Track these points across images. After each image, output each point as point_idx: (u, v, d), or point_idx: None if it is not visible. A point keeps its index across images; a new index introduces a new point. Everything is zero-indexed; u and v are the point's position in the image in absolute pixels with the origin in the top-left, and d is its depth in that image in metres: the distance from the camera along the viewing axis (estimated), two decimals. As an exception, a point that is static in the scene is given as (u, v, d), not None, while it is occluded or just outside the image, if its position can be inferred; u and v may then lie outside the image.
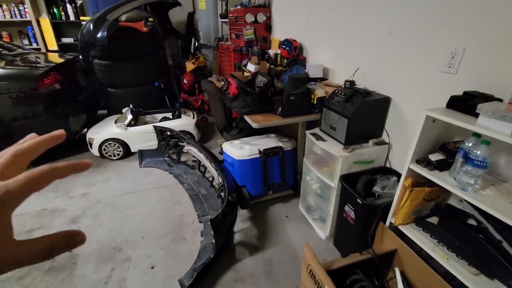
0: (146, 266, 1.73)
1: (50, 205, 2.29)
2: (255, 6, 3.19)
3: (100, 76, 3.43)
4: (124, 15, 3.12)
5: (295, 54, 2.56)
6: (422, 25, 1.46)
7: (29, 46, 4.21)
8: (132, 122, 3.01)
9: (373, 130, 1.79)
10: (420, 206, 1.37)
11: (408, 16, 1.53)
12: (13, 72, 2.51)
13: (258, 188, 2.15)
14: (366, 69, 1.90)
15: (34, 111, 2.58)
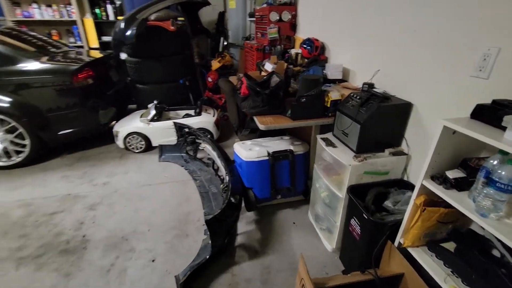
0: (148, 259, 1.78)
1: (74, 191, 2.47)
2: (281, 4, 3.11)
3: (130, 73, 3.63)
4: (153, 15, 3.25)
5: (316, 53, 2.44)
6: (450, 22, 1.27)
7: (74, 43, 4.61)
8: (155, 117, 3.13)
9: (390, 139, 1.62)
10: (434, 229, 1.20)
11: (435, 11, 1.35)
12: (52, 67, 2.75)
13: (265, 192, 2.08)
14: (388, 72, 1.73)
15: (67, 104, 2.80)
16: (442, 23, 1.32)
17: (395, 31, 1.65)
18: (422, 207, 1.15)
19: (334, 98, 1.77)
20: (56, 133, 2.85)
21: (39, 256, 1.80)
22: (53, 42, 3.54)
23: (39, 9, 4.41)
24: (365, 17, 1.94)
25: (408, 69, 1.56)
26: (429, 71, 1.42)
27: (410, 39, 1.53)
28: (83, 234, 1.97)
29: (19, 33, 3.24)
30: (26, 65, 2.67)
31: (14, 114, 2.63)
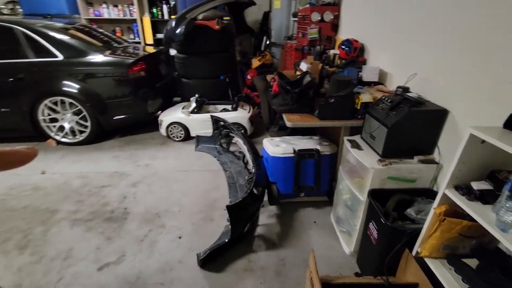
0: (175, 235, 1.97)
1: (121, 169, 2.81)
2: (324, 4, 3.10)
3: (177, 68, 3.95)
4: (201, 14, 3.49)
5: (354, 55, 2.40)
6: (497, 25, 1.19)
7: (133, 40, 5.15)
8: (195, 110, 3.38)
9: (421, 146, 1.56)
10: (455, 242, 1.15)
11: (478, 12, 1.27)
12: (112, 60, 3.14)
13: (288, 188, 2.14)
14: (426, 76, 1.65)
15: (123, 93, 3.18)
16: (488, 26, 1.23)
17: (437, 33, 1.57)
18: (442, 217, 1.11)
19: (364, 100, 1.75)
20: (112, 118, 3.25)
21: (89, 220, 2.11)
22: (116, 38, 4.02)
23: (107, 8, 5.01)
24: (408, 18, 1.86)
25: (448, 74, 1.48)
26: (470, 77, 1.34)
27: (452, 43, 1.45)
28: (125, 207, 2.25)
29: (90, 29, 3.75)
30: (93, 58, 3.10)
31: (81, 99, 3.07)
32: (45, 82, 3.01)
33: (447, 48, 1.49)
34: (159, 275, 1.66)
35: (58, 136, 3.24)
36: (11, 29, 2.94)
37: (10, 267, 1.70)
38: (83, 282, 1.61)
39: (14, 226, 2.04)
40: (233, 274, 1.68)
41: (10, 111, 3.03)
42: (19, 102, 3.01)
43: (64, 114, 3.17)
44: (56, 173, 2.73)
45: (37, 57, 2.98)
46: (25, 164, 0.29)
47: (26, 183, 2.56)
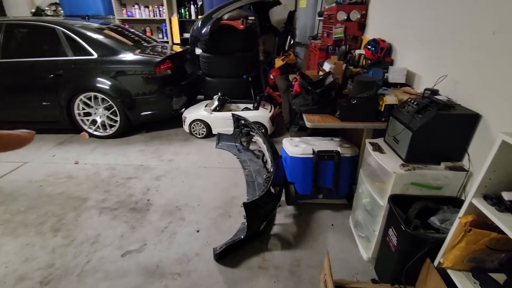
0: (194, 229, 2.04)
1: (146, 163, 2.95)
2: (351, 3, 3.02)
3: (202, 66, 4.05)
4: (226, 14, 3.55)
5: (380, 55, 2.32)
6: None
7: (161, 39, 5.36)
8: (217, 108, 3.45)
9: (449, 151, 1.48)
10: (481, 254, 1.08)
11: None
12: (141, 58, 3.30)
13: (306, 189, 2.12)
14: (457, 78, 1.56)
15: (150, 90, 3.33)
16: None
17: (471, 33, 1.48)
18: (467, 227, 1.05)
19: (389, 102, 1.70)
20: (139, 114, 3.41)
21: (115, 209, 2.24)
22: (145, 38, 4.21)
23: (139, 9, 5.26)
24: (440, 17, 1.77)
25: (482, 76, 1.39)
26: (506, 80, 1.25)
27: (488, 43, 1.36)
28: (148, 199, 2.37)
29: (122, 29, 3.96)
30: (124, 56, 3.27)
31: (112, 95, 3.26)
32: (81, 79, 3.23)
33: (482, 49, 1.40)
34: (176, 266, 1.73)
35: (90, 129, 3.47)
36: (54, 30, 3.19)
37: (45, 248, 1.86)
38: (108, 267, 1.72)
39: (50, 210, 2.22)
40: (247, 271, 1.71)
41: (50, 105, 3.29)
42: (58, 97, 3.26)
43: (96, 109, 3.38)
44: (87, 164, 2.92)
45: (75, 55, 3.21)
46: (21, 147, 0.30)
47: (62, 171, 2.77)
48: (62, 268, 1.71)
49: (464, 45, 1.53)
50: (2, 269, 1.69)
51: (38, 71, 3.22)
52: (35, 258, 1.78)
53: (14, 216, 2.15)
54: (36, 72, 3.23)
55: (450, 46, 1.66)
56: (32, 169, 2.83)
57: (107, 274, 1.67)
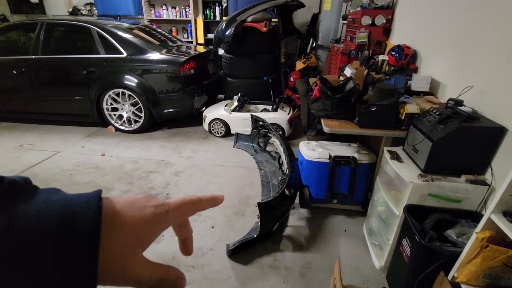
0: (209, 224, 2.11)
1: (167, 158, 3.08)
2: (376, 8, 2.98)
3: (223, 67, 4.14)
4: (250, 17, 3.62)
5: (404, 62, 2.28)
6: None
7: (186, 39, 5.52)
8: (237, 108, 3.52)
9: (470, 164, 1.44)
10: (498, 271, 1.06)
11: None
12: (167, 58, 3.44)
13: (321, 193, 2.13)
14: (484, 89, 1.51)
15: (173, 88, 3.46)
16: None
17: (500, 43, 1.43)
18: (484, 243, 1.03)
19: (410, 111, 1.67)
20: (162, 111, 3.56)
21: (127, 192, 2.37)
22: (171, 38, 4.37)
23: (167, 10, 5.46)
24: (468, 25, 1.72)
25: (510, 88, 1.35)
26: (536, 94, 1.21)
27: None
28: (167, 193, 2.48)
29: (150, 29, 4.14)
30: (151, 55, 3.43)
31: (138, 92, 3.42)
32: (111, 76, 3.43)
33: (509, 57, 1.36)
34: (191, 259, 1.81)
35: (117, 124, 3.66)
36: (89, 29, 3.41)
37: (73, 232, 2.01)
38: (128, 254, 1.83)
39: (78, 198, 2.38)
40: (258, 269, 1.75)
41: (82, 99, 3.52)
42: (89, 92, 3.47)
43: (123, 105, 3.57)
44: (113, 156, 3.10)
45: (106, 53, 3.41)
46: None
47: (90, 162, 2.96)
48: (87, 252, 1.84)
49: (495, 55, 1.48)
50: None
51: (73, 68, 3.46)
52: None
53: (46, 201, 2.33)
54: (71, 68, 3.47)
55: (479, 56, 1.61)
56: (63, 158, 3.04)
57: (127, 261, 1.79)
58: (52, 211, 0.21)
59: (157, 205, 0.26)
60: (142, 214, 0.25)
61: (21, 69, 3.48)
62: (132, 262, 0.24)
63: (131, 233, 0.24)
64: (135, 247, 0.24)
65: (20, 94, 3.63)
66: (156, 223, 0.25)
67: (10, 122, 3.97)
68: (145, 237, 0.25)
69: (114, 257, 0.23)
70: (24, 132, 3.69)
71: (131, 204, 0.25)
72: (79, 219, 0.22)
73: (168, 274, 0.27)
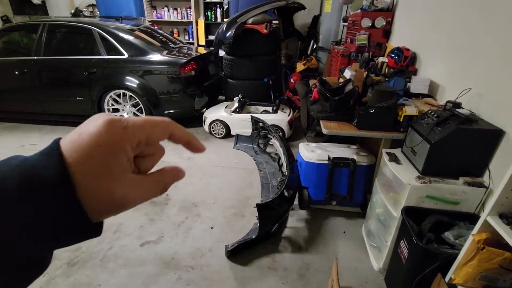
0: (208, 225, 2.12)
1: (167, 159, 3.03)
2: (376, 10, 2.99)
3: (224, 68, 4.16)
4: (251, 18, 3.63)
5: (403, 64, 2.29)
6: None
7: (187, 41, 5.55)
8: (237, 109, 3.54)
9: (468, 166, 1.45)
10: (494, 273, 1.07)
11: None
12: (168, 59, 3.46)
13: (320, 194, 2.14)
14: (482, 92, 1.52)
15: (174, 89, 3.48)
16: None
17: (498, 46, 1.44)
18: (480, 245, 1.04)
19: (408, 113, 1.68)
20: (163, 112, 3.58)
21: (137, 201, 2.38)
22: (172, 39, 4.40)
23: (168, 11, 5.49)
24: (467, 28, 1.73)
25: (508, 91, 1.35)
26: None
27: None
28: (167, 193, 2.49)
29: (152, 31, 4.16)
30: (152, 57, 3.45)
31: (139, 93, 3.44)
32: (112, 77, 3.45)
33: (509, 63, 1.36)
34: (190, 259, 1.82)
35: (118, 125, 3.68)
36: (90, 30, 3.43)
37: (73, 232, 2.02)
38: (128, 255, 1.84)
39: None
40: (257, 270, 1.76)
41: (83, 99, 3.54)
42: (90, 93, 3.50)
43: (124, 106, 3.59)
44: (113, 157, 3.11)
45: (107, 54, 3.43)
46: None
47: (90, 163, 2.97)
48: (87, 252, 1.85)
49: (492, 58, 1.49)
50: (35, 248, 1.87)
51: (75, 69, 3.48)
52: (64, 241, 1.94)
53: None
54: (72, 69, 3.49)
55: (477, 59, 1.62)
56: (64, 158, 3.05)
57: (126, 261, 1.80)
58: (11, 170, 0.20)
59: (110, 123, 0.23)
60: (97, 139, 0.22)
61: (23, 69, 3.50)
62: (118, 187, 0.23)
63: (99, 160, 0.22)
64: (111, 172, 0.23)
65: (22, 95, 3.65)
66: (116, 143, 0.23)
67: (12, 122, 4.00)
68: (113, 160, 0.23)
69: (95, 189, 0.22)
70: (25, 133, 3.71)
71: (85, 131, 0.23)
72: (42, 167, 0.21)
73: (164, 177, 0.27)
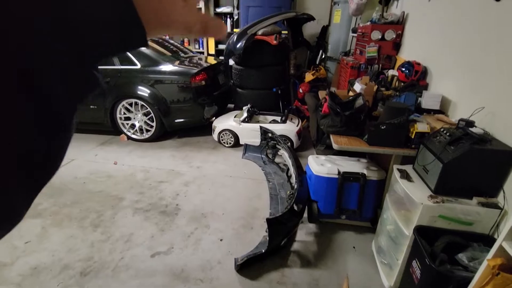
0: (217, 237, 2.14)
1: (177, 168, 3.13)
2: (386, 23, 3.00)
3: (233, 78, 4.22)
4: (261, 30, 3.69)
5: (414, 78, 2.29)
6: None
7: (198, 50, 5.65)
8: (246, 119, 3.57)
9: (482, 186, 1.43)
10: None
11: None
12: (179, 69, 3.53)
13: (329, 208, 2.14)
14: (496, 111, 1.51)
15: (184, 98, 3.54)
16: None
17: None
18: (495, 271, 1.03)
19: (420, 130, 1.68)
20: (173, 121, 3.64)
21: (147, 210, 2.42)
22: (183, 49, 4.48)
23: (179, 21, 5.60)
24: (481, 44, 1.72)
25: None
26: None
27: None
28: (177, 203, 2.52)
29: (163, 41, 4.26)
30: (164, 67, 3.53)
31: (150, 102, 3.51)
32: (125, 86, 3.54)
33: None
34: (199, 272, 1.83)
35: (129, 133, 3.76)
36: (105, 41, 3.53)
37: (85, 241, 2.06)
38: (138, 265, 1.87)
39: (91, 206, 2.45)
40: (266, 284, 1.76)
41: (97, 108, 3.63)
42: (104, 101, 3.59)
43: (136, 114, 3.67)
44: (125, 165, 3.17)
45: (121, 64, 3.53)
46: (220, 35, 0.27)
47: (102, 170, 3.04)
48: (99, 262, 1.89)
49: (507, 78, 1.48)
50: (49, 257, 1.91)
51: (89, 78, 3.58)
52: (76, 250, 1.98)
53: (61, 209, 2.40)
54: (87, 78, 3.59)
55: (491, 77, 1.61)
56: (77, 166, 3.13)
57: (137, 271, 1.82)
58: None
59: None
60: None
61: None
62: (169, 1, 0.22)
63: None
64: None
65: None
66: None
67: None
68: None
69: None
70: (40, 139, 3.81)
71: None
72: None
73: (211, 18, 0.25)
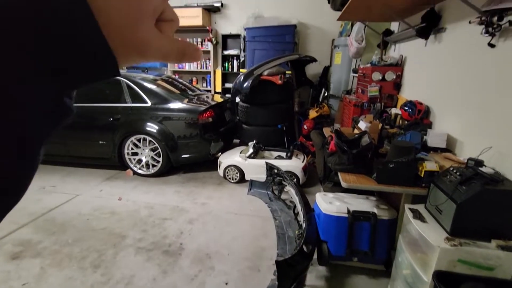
0: (222, 280, 2.02)
1: (181, 205, 3.09)
2: (386, 65, 3.17)
3: (239, 114, 4.35)
4: (266, 71, 3.90)
5: (417, 117, 2.35)
6: None
7: (205, 88, 5.93)
8: (252, 155, 3.60)
9: (499, 228, 1.38)
10: None
11: None
12: (187, 107, 3.67)
13: (340, 249, 2.04)
14: (504, 151, 1.52)
15: (191, 134, 3.62)
16: None
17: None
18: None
19: (429, 169, 1.68)
20: (180, 156, 3.68)
21: (150, 250, 2.34)
22: (191, 87, 4.71)
23: (189, 63, 5.98)
24: (480, 86, 1.80)
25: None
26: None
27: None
28: (181, 242, 2.44)
29: (173, 80, 4.50)
30: (173, 104, 3.68)
31: (158, 138, 3.60)
32: (135, 123, 3.65)
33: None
34: (204, 320, 1.70)
35: (135, 168, 3.79)
36: (119, 81, 3.75)
37: (85, 283, 1.96)
38: (138, 312, 1.75)
39: (92, 245, 2.38)
40: (275, 336, 1.62)
41: (105, 144, 3.72)
42: (113, 137, 3.68)
43: (143, 150, 3.73)
44: (129, 201, 3.14)
45: (132, 102, 3.69)
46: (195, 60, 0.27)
47: (107, 206, 3.00)
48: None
49: (510, 118, 1.52)
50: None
51: (101, 115, 3.73)
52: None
53: (62, 248, 2.33)
54: (99, 115, 3.74)
55: (495, 117, 1.65)
56: (82, 202, 3.11)
57: (137, 319, 1.70)
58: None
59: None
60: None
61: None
62: (143, 30, 0.21)
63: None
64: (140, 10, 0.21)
65: (51, 138, 3.87)
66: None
67: (36, 163, 4.18)
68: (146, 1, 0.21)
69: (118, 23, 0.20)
70: (47, 174, 3.84)
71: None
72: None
73: (187, 45, 0.25)
